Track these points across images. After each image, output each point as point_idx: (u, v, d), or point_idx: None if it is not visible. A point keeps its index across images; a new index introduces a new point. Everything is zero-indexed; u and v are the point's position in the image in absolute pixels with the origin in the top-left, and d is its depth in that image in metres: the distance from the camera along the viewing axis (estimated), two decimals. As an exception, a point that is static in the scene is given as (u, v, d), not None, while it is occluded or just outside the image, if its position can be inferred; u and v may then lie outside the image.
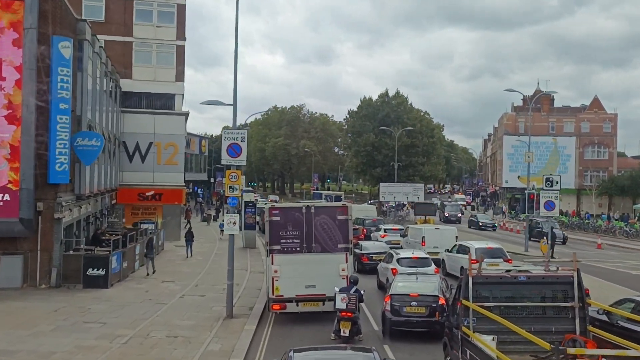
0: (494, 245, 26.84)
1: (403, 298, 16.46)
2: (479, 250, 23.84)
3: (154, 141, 41.27)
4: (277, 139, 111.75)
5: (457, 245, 27.83)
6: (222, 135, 18.87)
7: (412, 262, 22.84)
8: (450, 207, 67.56)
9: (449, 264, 27.88)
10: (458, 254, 26.64)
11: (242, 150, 18.79)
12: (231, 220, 18.95)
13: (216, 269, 29.07)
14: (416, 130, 67.19)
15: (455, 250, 27.47)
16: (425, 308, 16.15)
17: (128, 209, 41.27)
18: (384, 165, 69.00)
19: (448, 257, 28.14)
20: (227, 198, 19.48)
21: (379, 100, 70.21)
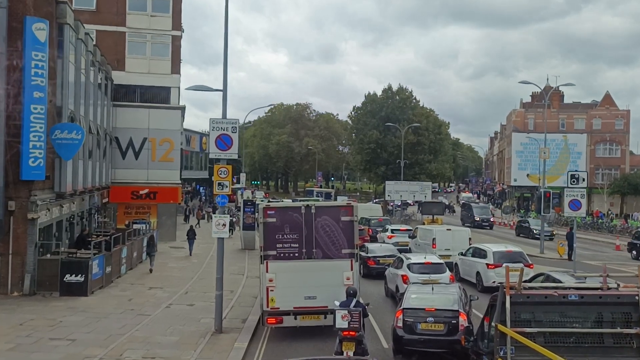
0: (514, 249, 24.10)
1: (417, 313, 13.77)
2: (497, 254, 21.95)
3: (148, 137, 38.91)
4: (280, 137, 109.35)
5: (472, 248, 25.36)
6: (210, 125, 16.50)
7: (424, 268, 20.08)
8: (479, 209, 58.03)
9: (462, 268, 25.20)
10: (473, 258, 24.11)
11: (233, 142, 16.40)
12: (220, 222, 16.54)
13: (210, 274, 26.66)
14: (422, 127, 64.60)
15: (470, 253, 24.93)
16: (444, 325, 13.47)
17: (121, 208, 38.94)
18: (389, 163, 66.44)
19: (462, 261, 25.54)
20: (216, 197, 17.10)
21: (383, 95, 67.55)
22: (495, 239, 45.45)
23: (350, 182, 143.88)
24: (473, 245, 26.24)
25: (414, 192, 60.65)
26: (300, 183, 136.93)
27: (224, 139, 16.30)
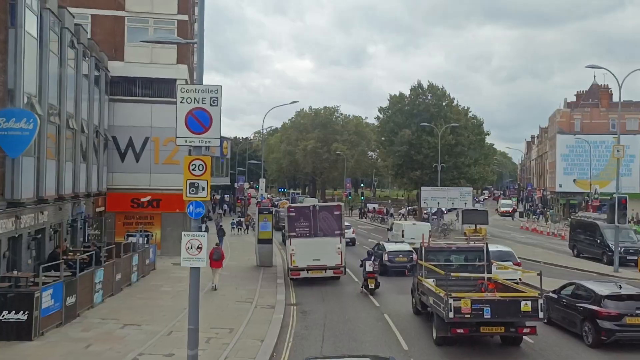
0: (503, 249, 27.87)
1: (394, 254, 29.07)
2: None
3: (150, 136, 33.71)
4: (308, 143, 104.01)
5: None
6: (177, 95, 11.08)
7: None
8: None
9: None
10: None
11: (213, 121, 10.91)
12: (193, 243, 11.06)
13: (209, 301, 21.15)
14: (461, 127, 58.28)
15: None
16: (406, 258, 28.66)
17: (119, 218, 33.74)
18: (423, 167, 60.10)
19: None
20: (188, 204, 11.64)
21: (413, 93, 61.34)
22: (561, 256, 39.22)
23: (380, 190, 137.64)
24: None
25: (453, 199, 54.37)
26: (329, 191, 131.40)
27: (199, 116, 10.84)
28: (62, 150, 23.17)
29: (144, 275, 26.10)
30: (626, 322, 15.03)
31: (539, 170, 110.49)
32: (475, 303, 14.22)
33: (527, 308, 14.15)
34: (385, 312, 20.24)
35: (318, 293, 24.14)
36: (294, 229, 25.87)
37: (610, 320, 15.13)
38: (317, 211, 26.08)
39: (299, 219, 25.93)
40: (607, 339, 15.09)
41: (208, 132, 10.97)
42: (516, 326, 14.63)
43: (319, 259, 25.37)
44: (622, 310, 15.21)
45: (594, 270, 30.12)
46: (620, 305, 15.37)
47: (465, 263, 18.66)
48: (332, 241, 25.41)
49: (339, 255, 25.51)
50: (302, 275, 25.41)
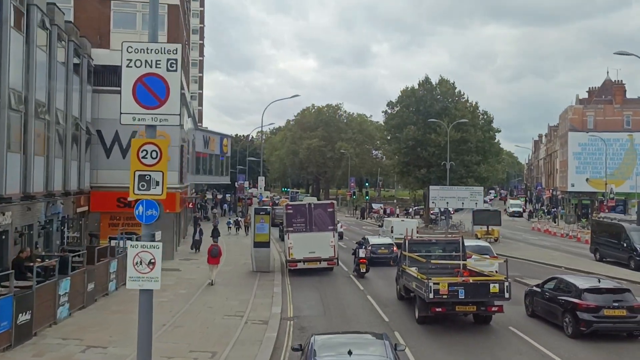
0: (482, 244, 29.81)
1: (376, 247, 31.85)
2: (468, 248, 23.64)
3: (138, 130, 30.83)
4: (311, 141, 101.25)
5: None
6: (122, 57, 8.32)
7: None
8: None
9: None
10: None
11: (171, 91, 8.16)
12: (145, 258, 8.46)
13: (194, 316, 18.37)
14: (469, 123, 55.25)
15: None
16: (387, 250, 31.69)
17: (105, 219, 30.98)
18: (430, 165, 57.06)
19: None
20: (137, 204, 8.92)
21: (421, 88, 58.30)
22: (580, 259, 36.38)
23: (385, 190, 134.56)
24: None
25: (463, 199, 51.39)
26: (332, 190, 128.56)
27: (152, 85, 8.05)
28: (29, 143, 20.40)
29: (124, 283, 23.27)
30: (604, 314, 15.84)
31: (548, 170, 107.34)
32: (452, 285, 16.42)
33: (495, 290, 16.35)
34: (374, 298, 22.62)
35: (319, 305, 21.34)
36: (291, 225, 28.11)
37: (589, 312, 15.91)
38: (312, 208, 28.44)
39: (296, 216, 28.20)
40: (586, 329, 15.87)
41: (164, 106, 8.23)
42: (486, 305, 16.82)
43: (314, 251, 27.68)
44: (601, 302, 15.98)
45: (622, 277, 27.20)
46: (599, 298, 16.17)
47: (444, 254, 20.86)
48: (326, 235, 27.83)
49: (332, 248, 27.94)
50: (299, 266, 27.72)
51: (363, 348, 9.79)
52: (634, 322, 15.89)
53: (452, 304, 16.55)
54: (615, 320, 15.89)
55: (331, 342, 10.12)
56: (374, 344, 10.25)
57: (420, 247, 20.95)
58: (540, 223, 65.57)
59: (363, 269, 27.52)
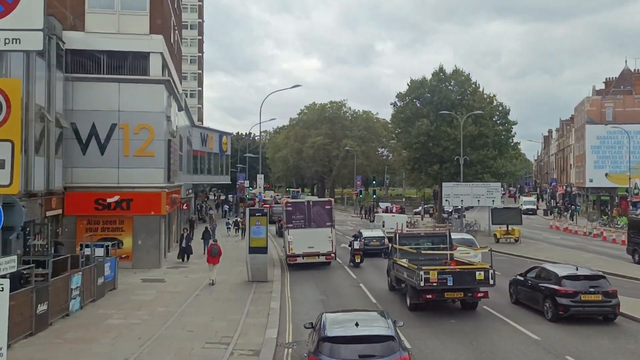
0: (467, 237, 30.64)
1: (368, 239, 33.54)
2: (454, 240, 24.12)
3: (118, 122, 27.29)
4: (315, 139, 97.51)
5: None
6: None
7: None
8: None
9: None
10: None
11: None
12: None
13: (170, 343, 14.60)
14: (485, 116, 51.28)
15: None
16: (379, 243, 33.22)
17: (81, 223, 27.29)
18: (443, 161, 53.10)
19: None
20: None
21: (434, 79, 54.31)
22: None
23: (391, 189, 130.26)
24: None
25: (479, 196, 47.55)
26: (338, 190, 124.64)
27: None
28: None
29: (93, 300, 19.59)
30: (581, 299, 16.73)
31: (561, 165, 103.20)
32: (441, 274, 17.45)
33: (480, 277, 17.45)
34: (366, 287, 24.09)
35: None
36: (291, 221, 29.03)
37: (567, 297, 16.80)
38: (311, 206, 29.59)
39: (295, 213, 29.18)
40: (564, 313, 16.79)
41: (13, 14, 4.40)
42: (472, 291, 17.88)
43: (312, 246, 28.65)
44: (578, 288, 16.88)
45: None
46: (576, 284, 17.04)
47: (432, 246, 21.64)
48: (324, 231, 28.78)
49: (330, 243, 28.91)
50: (299, 260, 28.68)
51: (368, 322, 11.04)
52: (608, 306, 16.86)
53: (441, 291, 17.73)
54: (591, 305, 16.85)
55: (340, 318, 11.23)
56: (377, 319, 11.52)
57: (410, 241, 21.99)
58: (558, 221, 61.48)
59: (358, 259, 29.87)
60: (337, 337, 10.20)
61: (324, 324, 10.74)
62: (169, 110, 29.45)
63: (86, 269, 19.01)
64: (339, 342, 10.12)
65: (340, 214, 78.43)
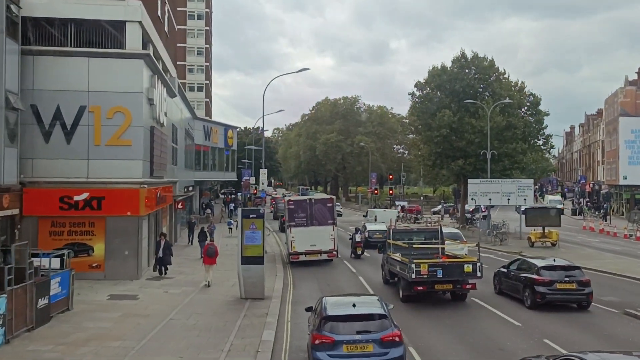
0: (454, 231, 33.35)
1: (373, 232, 35.14)
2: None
3: (88, 105, 22.57)
4: (328, 135, 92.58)
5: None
6: None
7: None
8: None
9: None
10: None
11: None
12: None
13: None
14: (514, 105, 45.92)
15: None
16: (382, 236, 30.94)
17: (44, 225, 22.60)
18: (467, 156, 47.78)
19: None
20: None
21: (455, 65, 48.92)
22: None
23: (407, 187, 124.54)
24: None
25: (509, 194, 42.32)
26: (352, 187, 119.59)
27: None
28: None
29: (30, 329, 14.81)
30: (557, 287, 18.12)
31: (586, 162, 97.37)
32: (431, 267, 18.30)
33: (468, 269, 18.46)
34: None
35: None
36: (293, 219, 28.66)
37: (544, 285, 18.14)
38: (313, 203, 29.07)
39: (297, 211, 28.83)
40: (541, 300, 18.08)
41: None
42: (461, 283, 18.85)
43: (315, 244, 28.34)
44: (554, 278, 18.26)
45: None
46: (553, 274, 18.40)
47: (424, 240, 22.28)
48: (326, 229, 28.53)
49: (332, 240, 28.69)
50: (301, 258, 28.32)
51: (364, 304, 12.32)
52: (582, 294, 18.04)
53: (431, 283, 18.39)
54: (566, 293, 18.12)
55: (339, 301, 12.51)
56: (372, 301, 12.76)
57: (404, 236, 22.46)
58: (591, 221, 55.91)
59: (359, 251, 31.45)
60: (337, 316, 11.41)
61: (324, 306, 11.90)
62: (151, 92, 24.64)
63: (17, 289, 14.23)
64: (338, 320, 11.34)
65: (354, 213, 73.44)
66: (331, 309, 11.69)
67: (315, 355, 11.07)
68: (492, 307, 18.51)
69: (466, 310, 18.25)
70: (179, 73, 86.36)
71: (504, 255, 33.11)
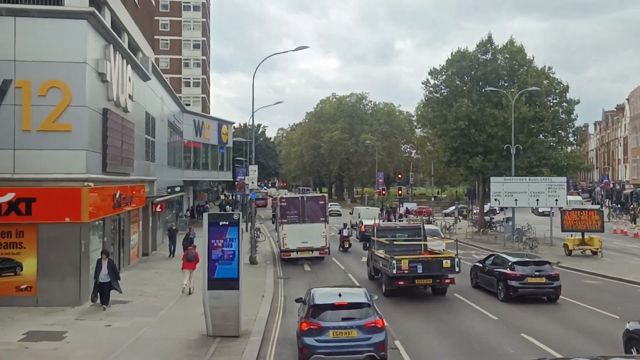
0: (432, 227, 31.90)
1: (369, 227, 28.97)
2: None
3: (14, 78, 17.13)
4: (332, 134, 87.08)
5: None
6: None
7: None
8: None
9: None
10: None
11: None
12: None
13: None
14: (542, 93, 40.28)
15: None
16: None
17: (-44, 235, 17.20)
18: (488, 152, 42.18)
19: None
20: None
21: (479, 50, 43.34)
22: None
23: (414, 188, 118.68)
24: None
25: (537, 194, 36.66)
26: (358, 189, 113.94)
27: None
28: None
29: None
30: (528, 281, 18.97)
31: (604, 161, 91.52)
32: (412, 262, 18.87)
33: (447, 265, 18.95)
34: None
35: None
36: (285, 216, 28.66)
37: (516, 280, 19.00)
38: (305, 201, 29.12)
39: (289, 208, 28.83)
40: (514, 294, 18.96)
41: None
42: (440, 278, 19.37)
43: (306, 241, 28.33)
44: (526, 272, 19.10)
45: None
46: (525, 269, 19.22)
47: (408, 238, 22.63)
48: (317, 226, 28.47)
49: (324, 238, 28.56)
50: (293, 255, 28.36)
51: (349, 294, 12.85)
52: (551, 287, 19.10)
53: (412, 278, 19.10)
54: (536, 286, 19.09)
55: (326, 292, 13.20)
56: (357, 292, 13.43)
57: (387, 233, 22.94)
58: (622, 224, 50.10)
59: (347, 244, 33.29)
60: (324, 305, 12.13)
61: (312, 296, 12.63)
62: (103, 65, 19.16)
63: None
64: (325, 308, 12.06)
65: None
66: (319, 298, 12.44)
67: (303, 341, 11.67)
68: (468, 300, 19.40)
69: (445, 303, 19.13)
70: (173, 67, 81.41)
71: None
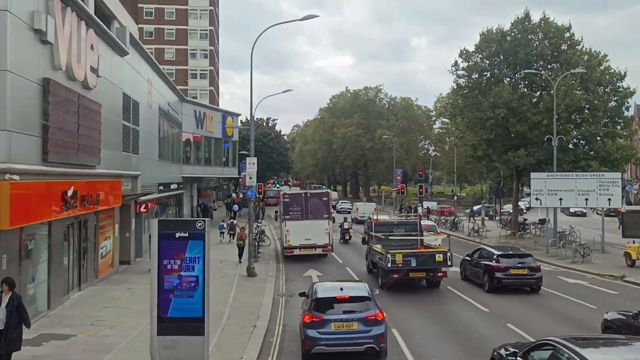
0: (429, 223, 33.26)
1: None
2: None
3: None
4: (347, 129, 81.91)
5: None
6: None
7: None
8: None
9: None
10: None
11: None
12: None
13: None
14: (592, 80, 34.61)
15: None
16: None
17: None
18: (528, 143, 36.43)
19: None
20: None
21: (515, 28, 37.44)
22: None
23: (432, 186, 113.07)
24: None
25: (586, 192, 31.22)
26: (374, 187, 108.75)
27: None
28: None
29: None
30: (511, 273, 19.95)
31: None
32: (406, 256, 19.64)
33: (440, 259, 19.76)
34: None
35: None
36: (288, 213, 28.20)
37: (500, 271, 19.95)
38: (308, 197, 28.80)
39: (292, 204, 28.39)
40: (498, 285, 19.88)
41: None
42: (433, 271, 20.03)
43: (309, 238, 27.80)
44: (509, 264, 20.09)
45: None
46: (509, 261, 20.24)
47: (404, 232, 23.19)
48: (321, 223, 27.96)
49: (327, 235, 27.97)
50: (295, 252, 27.88)
51: (350, 288, 13.25)
52: (533, 278, 20.05)
53: (406, 271, 19.74)
54: (519, 278, 20.03)
55: (328, 286, 13.76)
56: (358, 286, 13.75)
57: (384, 228, 23.53)
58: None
59: (347, 236, 35.46)
60: (326, 298, 12.54)
61: (315, 290, 13.00)
62: (39, 18, 14.07)
63: None
64: (328, 301, 12.45)
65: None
66: (321, 292, 12.79)
67: (306, 333, 12.03)
68: (457, 292, 20.09)
69: (436, 295, 19.65)
70: (179, 58, 76.70)
71: (597, 281, 22.80)
